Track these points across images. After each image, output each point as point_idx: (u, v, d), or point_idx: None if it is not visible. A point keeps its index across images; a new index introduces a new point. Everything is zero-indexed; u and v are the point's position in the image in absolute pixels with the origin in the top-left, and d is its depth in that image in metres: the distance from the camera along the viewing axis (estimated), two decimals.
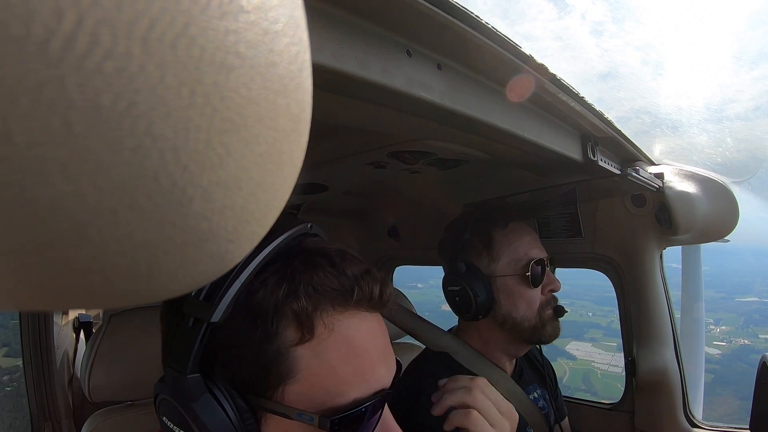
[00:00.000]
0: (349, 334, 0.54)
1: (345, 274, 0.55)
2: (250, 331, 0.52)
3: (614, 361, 14.04)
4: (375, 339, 0.57)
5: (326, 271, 0.54)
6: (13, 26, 0.13)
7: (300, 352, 0.52)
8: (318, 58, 0.47)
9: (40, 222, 0.15)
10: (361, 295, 0.55)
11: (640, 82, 1.62)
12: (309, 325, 0.52)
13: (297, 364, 0.52)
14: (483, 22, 0.58)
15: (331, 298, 0.53)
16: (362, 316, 0.56)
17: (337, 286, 0.54)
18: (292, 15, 0.19)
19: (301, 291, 0.52)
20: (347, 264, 0.56)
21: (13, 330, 1.96)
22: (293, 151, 0.22)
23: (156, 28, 0.15)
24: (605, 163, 1.09)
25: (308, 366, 0.52)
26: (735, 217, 1.40)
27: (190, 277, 0.20)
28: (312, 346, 0.52)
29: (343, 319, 0.54)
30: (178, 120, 0.16)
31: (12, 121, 0.14)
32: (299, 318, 0.52)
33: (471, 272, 1.19)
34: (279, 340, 0.52)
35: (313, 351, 0.52)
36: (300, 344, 0.52)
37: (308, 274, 0.53)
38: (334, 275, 0.54)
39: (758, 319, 16.56)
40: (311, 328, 0.52)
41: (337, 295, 0.54)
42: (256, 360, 0.52)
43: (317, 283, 0.53)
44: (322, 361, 0.53)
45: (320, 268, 0.54)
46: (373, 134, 1.03)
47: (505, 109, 0.76)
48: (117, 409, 1.23)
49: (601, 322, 16.14)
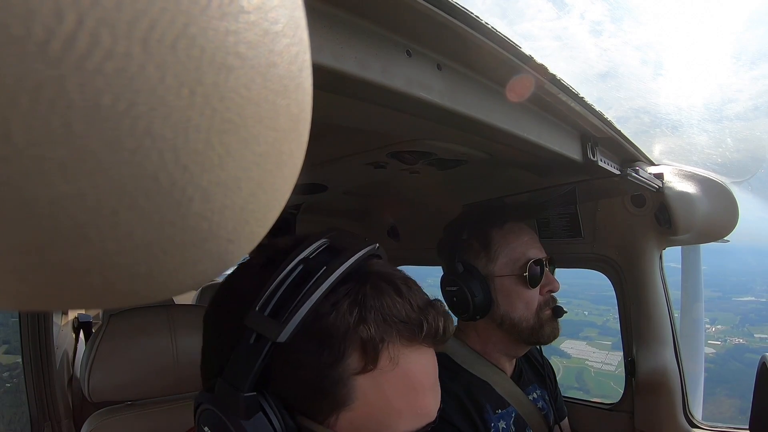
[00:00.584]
0: (409, 368, 0.53)
1: (412, 306, 0.54)
2: (314, 354, 0.50)
3: (608, 360, 14.08)
4: (430, 373, 0.57)
5: (394, 300, 0.53)
6: (14, 26, 0.13)
7: (360, 382, 0.51)
8: (318, 58, 0.47)
9: (40, 222, 0.15)
10: (429, 331, 0.53)
11: (639, 82, 1.61)
12: (374, 355, 0.51)
13: (355, 393, 0.51)
14: (483, 22, 0.58)
15: (398, 330, 0.52)
16: (423, 351, 0.55)
17: (404, 317, 0.53)
18: (292, 15, 0.19)
19: (371, 319, 0.51)
20: (413, 294, 0.55)
21: (12, 328, 1.97)
22: (293, 152, 0.22)
23: (156, 29, 0.15)
24: (605, 163, 1.09)
25: (365, 396, 0.51)
26: (735, 218, 1.40)
27: (190, 277, 0.20)
28: (373, 376, 0.51)
29: (407, 353, 0.53)
30: (177, 120, 0.16)
31: (12, 120, 0.14)
32: (366, 347, 0.51)
33: (468, 272, 1.19)
34: (342, 367, 0.50)
35: (373, 381, 0.51)
36: (362, 373, 0.51)
37: (378, 301, 0.52)
38: (402, 305, 0.53)
39: (754, 319, 16.58)
40: (376, 359, 0.51)
41: (404, 327, 0.52)
42: (315, 384, 0.51)
43: (387, 312, 0.52)
44: (380, 392, 0.52)
45: (388, 295, 0.53)
46: (373, 134, 1.03)
47: (505, 109, 0.77)
48: (116, 409, 1.23)
49: (596, 321, 16.19)
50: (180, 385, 1.29)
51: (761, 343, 15.02)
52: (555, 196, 1.48)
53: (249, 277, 0.56)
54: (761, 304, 17.67)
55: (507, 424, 1.15)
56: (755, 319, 16.72)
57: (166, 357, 1.26)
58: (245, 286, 0.55)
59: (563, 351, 14.54)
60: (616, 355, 13.96)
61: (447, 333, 0.56)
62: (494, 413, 1.13)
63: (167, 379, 1.27)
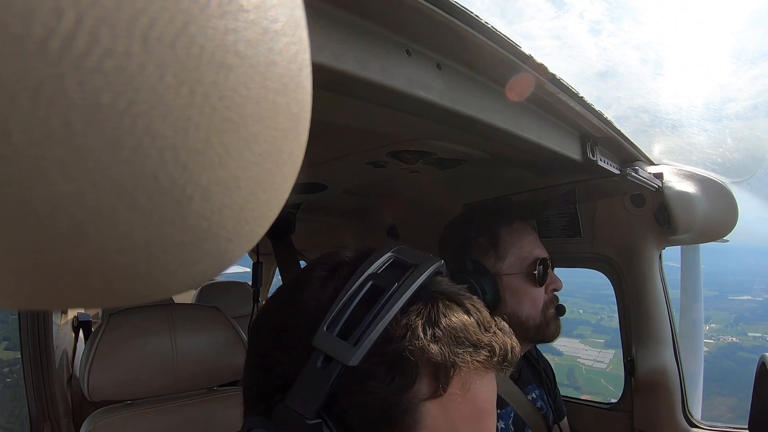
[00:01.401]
0: (478, 394, 0.50)
1: (481, 327, 0.51)
2: (384, 378, 0.47)
3: (600, 357, 14.18)
4: (493, 398, 0.54)
5: (464, 322, 0.50)
6: (13, 25, 0.13)
7: (429, 407, 0.48)
8: (318, 57, 0.47)
9: (39, 221, 0.15)
10: (501, 357, 0.50)
11: (638, 81, 1.61)
12: (445, 381, 0.48)
13: (423, 419, 0.48)
14: (482, 22, 0.58)
15: (470, 355, 0.49)
16: (491, 376, 0.52)
17: (475, 341, 0.49)
18: (292, 14, 0.19)
19: (444, 341, 0.48)
20: (481, 314, 0.53)
21: (12, 325, 1.98)
22: (293, 151, 0.22)
23: (155, 27, 0.15)
24: (604, 162, 1.09)
25: (434, 422, 0.48)
26: (734, 217, 1.40)
27: (190, 277, 0.20)
28: (443, 402, 0.48)
29: (477, 379, 0.50)
30: (177, 119, 0.16)
31: (11, 119, 0.14)
32: (437, 372, 0.48)
33: (478, 270, 1.19)
34: (412, 393, 0.47)
35: (442, 408, 0.48)
36: (431, 399, 0.48)
37: (450, 323, 0.49)
38: (473, 327, 0.50)
39: (749, 318, 16.65)
40: (447, 384, 0.48)
41: (476, 351, 0.49)
42: (383, 410, 0.47)
43: (458, 335, 0.49)
44: (447, 419, 0.49)
45: (457, 316, 0.50)
46: (373, 134, 1.03)
47: (505, 108, 0.77)
48: (116, 408, 1.23)
49: (590, 319, 16.24)
50: (179, 385, 1.29)
51: (754, 341, 15.12)
52: (554, 195, 1.48)
53: (312, 290, 0.52)
54: (758, 303, 17.74)
55: (506, 423, 1.15)
56: (750, 318, 16.79)
57: (165, 356, 1.26)
58: (309, 301, 0.51)
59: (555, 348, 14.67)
60: (608, 353, 14.05)
61: (515, 356, 0.52)
62: None
63: (167, 378, 1.27)
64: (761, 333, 15.64)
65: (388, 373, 0.47)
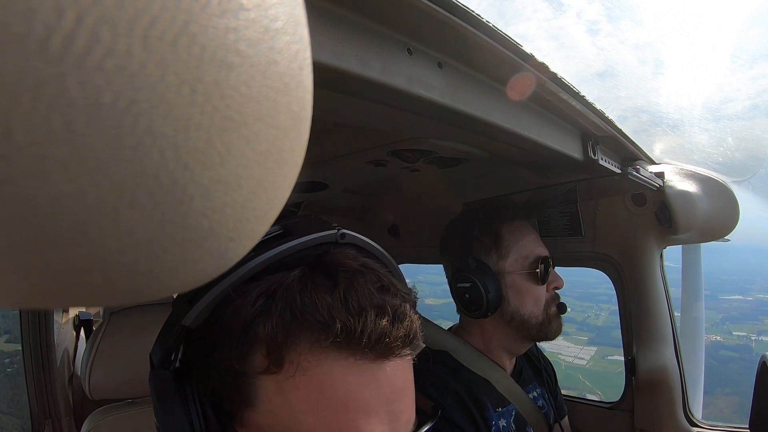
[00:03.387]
0: (324, 380, 0.44)
1: (347, 306, 0.44)
2: (222, 343, 0.46)
3: (581, 354, 14.35)
4: (366, 393, 0.45)
5: (322, 297, 0.44)
6: (14, 24, 0.13)
7: (264, 383, 0.45)
8: (318, 56, 0.47)
9: (40, 220, 0.15)
10: (360, 339, 0.43)
11: (638, 81, 1.61)
12: (277, 356, 0.44)
13: (260, 394, 0.45)
14: (484, 21, 0.58)
15: (311, 331, 0.43)
16: (352, 363, 0.44)
17: (324, 318, 0.43)
18: (293, 13, 0.19)
19: (275, 312, 0.44)
20: (359, 291, 0.45)
21: (13, 319, 2.03)
22: (294, 149, 0.22)
23: (156, 26, 0.15)
24: (606, 162, 1.09)
25: (269, 401, 0.45)
26: (735, 217, 1.40)
27: (191, 276, 0.20)
28: (278, 380, 0.44)
29: (322, 361, 0.44)
30: (178, 118, 0.16)
31: (12, 119, 0.14)
32: (270, 347, 0.44)
33: (481, 269, 1.19)
34: (247, 362, 0.45)
35: (278, 386, 0.44)
36: (266, 374, 0.44)
37: (296, 295, 0.44)
38: (330, 304, 0.44)
39: (736, 317, 16.73)
40: (279, 361, 0.44)
41: (320, 328, 0.43)
42: (225, 375, 0.46)
43: (300, 307, 0.44)
44: (284, 401, 0.44)
45: (315, 290, 0.45)
46: (374, 132, 1.03)
47: (506, 107, 0.76)
48: (117, 406, 1.23)
49: (577, 317, 16.37)
50: None
51: (738, 340, 15.21)
52: (556, 194, 1.48)
53: None
54: (748, 303, 17.80)
55: (507, 422, 1.15)
56: (738, 317, 16.88)
57: None
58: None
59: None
60: (589, 350, 14.18)
61: (388, 342, 0.45)
62: (495, 411, 1.13)
63: None
64: (746, 332, 15.77)
65: (223, 338, 0.46)
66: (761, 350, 15.76)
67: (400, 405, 0.48)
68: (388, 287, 0.48)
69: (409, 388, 0.50)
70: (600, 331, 15.87)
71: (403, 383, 0.48)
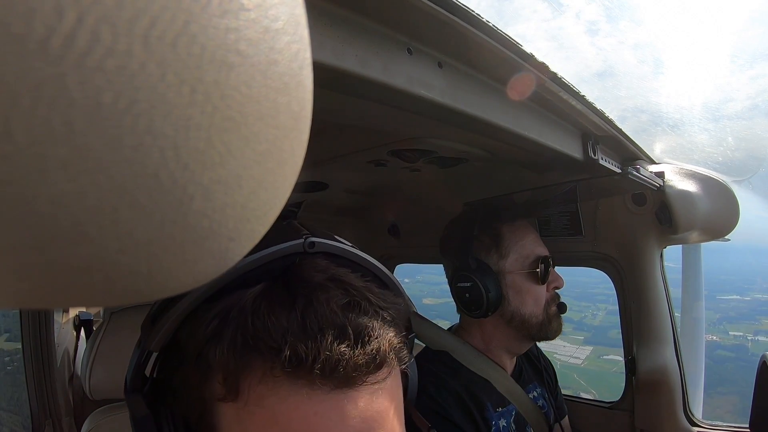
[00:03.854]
0: (279, 410, 0.40)
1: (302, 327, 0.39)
2: (181, 368, 0.44)
3: (576, 354, 14.48)
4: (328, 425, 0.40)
5: (274, 318, 0.40)
6: (14, 24, 0.13)
7: (224, 410, 0.42)
8: (318, 55, 0.47)
9: (41, 220, 0.15)
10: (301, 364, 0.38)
11: (637, 81, 1.61)
12: (232, 383, 0.40)
13: (221, 422, 0.43)
14: (484, 21, 0.58)
15: (263, 358, 0.40)
16: (308, 393, 0.40)
17: (275, 342, 0.39)
18: (293, 13, 0.19)
19: (227, 336, 0.40)
20: (318, 310, 0.40)
21: (14, 318, 2.05)
22: (294, 149, 0.22)
23: (157, 27, 0.15)
24: (606, 161, 1.09)
25: (230, 428, 0.42)
26: (735, 216, 1.40)
27: (191, 276, 0.20)
28: (236, 407, 0.41)
29: (275, 390, 0.40)
30: (178, 118, 0.16)
31: (13, 119, 0.14)
32: (226, 373, 0.41)
33: (481, 268, 1.20)
34: (205, 388, 0.43)
35: (236, 414, 0.41)
36: (224, 401, 0.42)
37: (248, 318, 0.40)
38: (281, 326, 0.39)
39: (733, 317, 16.78)
40: (235, 389, 0.40)
41: (273, 355, 0.39)
42: (187, 400, 0.44)
43: (252, 332, 0.39)
44: (242, 430, 0.41)
45: (272, 311, 0.40)
46: (374, 132, 1.03)
47: (506, 107, 0.76)
48: (117, 407, 1.23)
49: (574, 317, 16.53)
50: None
51: (734, 340, 15.28)
52: (556, 194, 1.48)
53: None
54: (745, 303, 17.83)
55: (507, 422, 1.15)
56: (735, 317, 16.92)
57: None
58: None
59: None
60: (585, 350, 14.31)
61: (355, 372, 0.40)
62: (495, 411, 1.13)
63: None
64: (742, 332, 15.85)
65: (186, 366, 0.43)
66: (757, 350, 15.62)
67: None
68: (357, 303, 0.43)
69: (389, 415, 0.44)
70: (596, 330, 15.94)
71: (377, 412, 0.42)
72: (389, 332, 0.44)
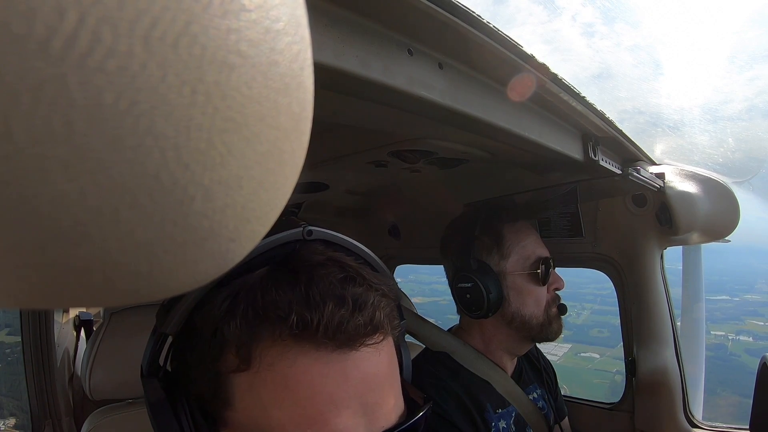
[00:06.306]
0: (288, 373, 0.44)
1: (307, 298, 0.44)
2: (197, 347, 0.48)
3: (554, 351, 15.04)
4: (332, 385, 0.45)
5: (281, 292, 0.45)
6: (15, 24, 0.13)
7: (237, 380, 0.46)
8: (319, 56, 0.47)
9: (41, 220, 0.15)
10: (307, 327, 0.44)
11: (637, 83, 1.62)
12: (245, 353, 0.45)
13: (235, 393, 0.46)
14: (484, 22, 0.58)
15: (272, 326, 0.45)
16: (314, 355, 0.45)
17: (284, 312, 0.44)
18: (294, 13, 0.19)
19: (239, 312, 0.45)
20: (319, 284, 0.46)
21: (13, 313, 2.09)
22: (294, 150, 0.22)
23: (158, 27, 0.15)
24: (606, 162, 1.09)
25: (243, 398, 0.46)
26: (736, 217, 1.40)
27: (191, 276, 0.20)
28: (248, 377, 0.45)
29: (285, 354, 0.44)
30: (179, 119, 0.16)
31: (13, 119, 0.14)
32: (239, 345, 0.45)
33: (482, 269, 1.19)
34: (220, 363, 0.46)
35: (249, 383, 0.46)
36: (237, 372, 0.46)
37: (257, 294, 0.45)
38: (287, 298, 0.45)
39: (718, 317, 16.78)
40: (247, 358, 0.45)
41: (280, 323, 0.44)
42: (203, 378, 0.48)
43: (261, 305, 0.45)
44: (254, 397, 0.45)
45: (278, 287, 0.46)
46: (374, 133, 1.03)
47: (506, 108, 0.76)
48: (117, 407, 1.23)
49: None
50: None
51: (715, 340, 15.40)
52: (556, 195, 1.48)
53: None
54: (733, 303, 17.84)
55: (507, 423, 1.15)
56: (720, 317, 16.95)
57: None
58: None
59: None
60: (563, 347, 14.58)
61: (356, 332, 0.45)
62: (495, 412, 1.13)
63: None
64: (724, 332, 15.89)
65: (197, 343, 0.48)
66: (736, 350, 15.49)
67: (374, 397, 0.47)
68: (353, 277, 0.48)
69: (386, 379, 0.49)
70: (578, 329, 16.06)
71: (375, 374, 0.48)
72: (382, 302, 0.49)
